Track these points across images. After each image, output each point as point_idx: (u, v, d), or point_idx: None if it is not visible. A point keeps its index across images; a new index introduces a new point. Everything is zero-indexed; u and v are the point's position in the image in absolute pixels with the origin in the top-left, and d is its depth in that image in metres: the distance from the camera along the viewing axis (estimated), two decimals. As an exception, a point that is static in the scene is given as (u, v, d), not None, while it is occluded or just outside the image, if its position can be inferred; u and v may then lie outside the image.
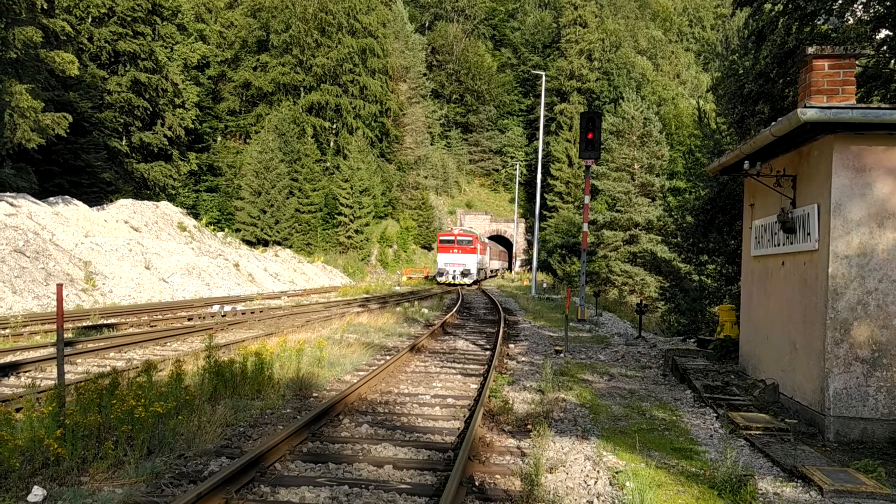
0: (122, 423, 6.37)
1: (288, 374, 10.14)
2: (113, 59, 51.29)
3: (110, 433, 6.50)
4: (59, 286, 7.00)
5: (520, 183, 76.72)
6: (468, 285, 48.58)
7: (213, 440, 7.02)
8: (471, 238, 50.54)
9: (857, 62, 9.24)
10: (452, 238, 50.24)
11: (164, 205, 43.78)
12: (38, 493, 5.37)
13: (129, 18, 50.64)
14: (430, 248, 68.42)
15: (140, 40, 51.34)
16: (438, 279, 49.78)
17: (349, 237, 62.15)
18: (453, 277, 48.77)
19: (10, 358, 11.80)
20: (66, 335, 14.20)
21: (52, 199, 34.35)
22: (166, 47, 55.41)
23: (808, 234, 8.58)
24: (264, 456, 6.22)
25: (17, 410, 7.36)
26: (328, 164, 64.60)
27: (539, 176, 43.33)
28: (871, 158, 7.96)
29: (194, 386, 8.51)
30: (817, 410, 8.24)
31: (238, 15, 68.84)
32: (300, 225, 60.13)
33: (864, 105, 8.16)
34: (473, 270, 49.58)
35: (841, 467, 6.77)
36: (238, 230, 56.99)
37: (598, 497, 5.81)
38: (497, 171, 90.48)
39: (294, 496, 5.67)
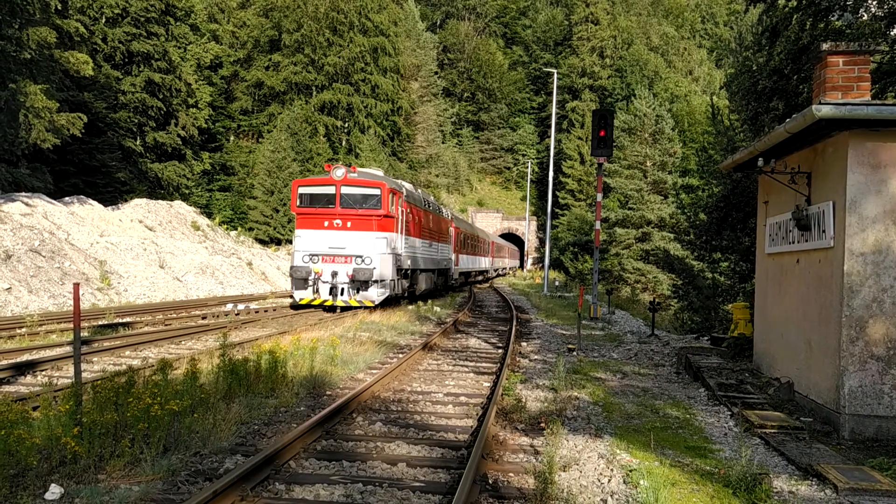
0: (139, 420, 6.42)
1: (301, 373, 10.18)
2: (127, 60, 51.59)
3: (127, 431, 6.55)
4: (76, 285, 7.06)
5: (531, 181, 76.59)
6: (371, 308, 20.94)
7: (229, 438, 7.07)
8: (376, 189, 21.33)
9: (871, 58, 9.17)
10: (331, 191, 21.38)
11: (178, 204, 43.99)
12: (55, 490, 5.42)
13: (142, 19, 50.93)
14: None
15: (154, 41, 51.62)
16: (295, 293, 21.24)
17: (361, 235, 62.17)
18: (330, 291, 20.71)
19: (26, 357, 11.91)
20: (82, 334, 14.31)
21: (67, 198, 34.59)
22: (179, 47, 55.66)
23: (823, 231, 8.54)
24: (279, 454, 6.26)
25: (35, 409, 7.43)
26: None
27: (551, 174, 43.20)
28: (887, 155, 7.91)
29: (209, 384, 8.56)
30: (832, 408, 8.20)
31: (250, 15, 69.04)
32: (312, 224, 60.21)
33: (879, 101, 8.11)
34: (386, 272, 21.09)
35: (856, 465, 6.74)
36: (251, 229, 57.17)
37: (612, 495, 5.81)
38: (508, 168, 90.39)
39: (309, 494, 5.70)
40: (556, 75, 47.29)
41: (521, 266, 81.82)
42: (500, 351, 14.33)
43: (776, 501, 5.85)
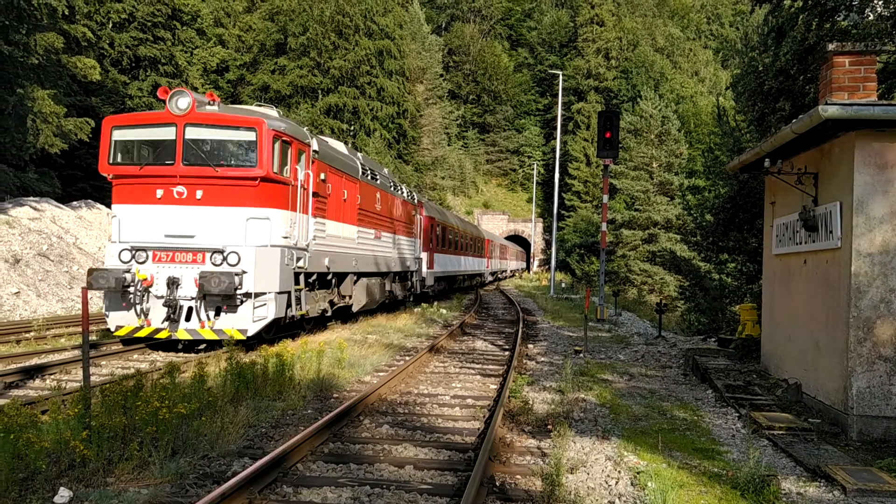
0: (147, 424, 6.45)
1: (308, 376, 10.20)
2: (134, 64, 51.81)
3: (135, 434, 6.57)
4: (84, 289, 7.10)
5: (537, 182, 76.62)
6: (244, 342, 12.32)
7: (236, 441, 7.09)
8: (250, 132, 12.41)
9: (877, 59, 9.17)
10: (168, 135, 12.39)
11: (185, 208, 44.03)
12: (64, 494, 5.45)
13: (149, 24, 51.16)
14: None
15: (160, 45, 51.86)
16: (109, 317, 12.52)
17: (367, 238, 62.19)
18: (168, 314, 11.93)
19: (35, 361, 11.96)
20: (90, 338, 14.35)
21: (75, 203, 34.70)
22: (186, 52, 55.88)
23: (831, 232, 8.52)
24: (286, 456, 6.27)
25: (43, 412, 7.46)
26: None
27: (557, 175, 43.18)
28: (894, 155, 7.89)
29: (217, 387, 8.59)
30: (840, 409, 8.17)
31: (256, 19, 69.29)
32: (319, 226, 60.34)
33: (885, 102, 8.09)
34: (269, 279, 12.34)
35: (864, 466, 6.72)
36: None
37: (619, 497, 5.80)
38: (514, 170, 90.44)
39: (316, 496, 5.71)
40: (561, 77, 47.23)
41: (528, 268, 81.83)
42: (506, 353, 14.33)
43: (784, 503, 5.84)
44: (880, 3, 12.99)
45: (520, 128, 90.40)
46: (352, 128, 66.37)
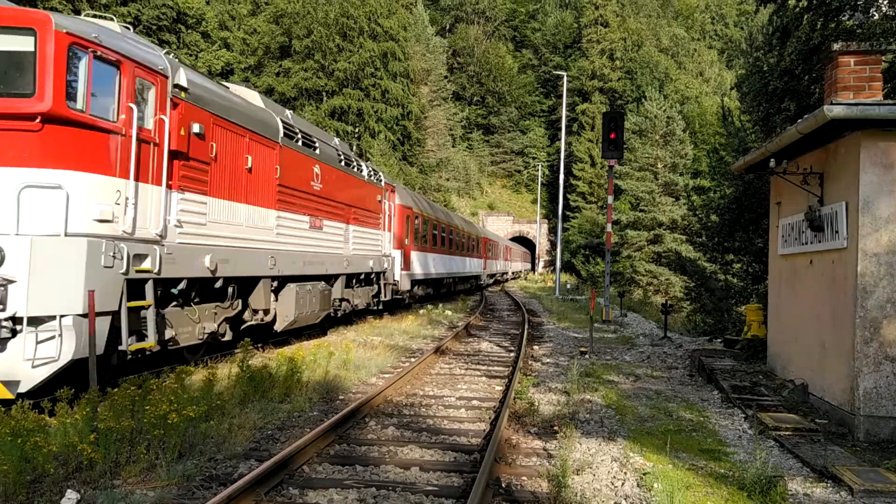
0: (155, 427, 6.47)
1: (315, 378, 10.21)
2: (138, 68, 52.02)
3: (142, 437, 6.60)
4: (91, 292, 7.11)
5: (542, 184, 76.57)
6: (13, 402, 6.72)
7: (243, 443, 7.10)
8: (25, 35, 7.07)
9: (883, 58, 9.15)
10: None
11: (190, 210, 44.08)
12: (71, 496, 5.46)
13: (154, 27, 51.39)
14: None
15: (165, 49, 52.05)
16: None
17: (372, 240, 62.18)
18: None
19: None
20: (96, 340, 14.30)
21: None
22: (191, 55, 56.10)
23: (837, 232, 8.50)
24: (293, 458, 6.29)
25: (51, 416, 7.48)
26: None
27: (561, 176, 43.15)
28: (900, 155, 7.87)
29: (225, 390, 8.61)
30: (847, 410, 8.15)
31: (261, 21, 69.44)
32: (324, 229, 60.38)
33: (891, 101, 8.07)
34: (65, 288, 7.23)
35: (871, 467, 6.71)
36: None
37: (625, 498, 5.80)
38: (519, 172, 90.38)
39: (322, 498, 5.72)
40: (565, 78, 47.20)
41: (533, 269, 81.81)
42: (511, 354, 14.32)
43: (791, 504, 5.84)
44: (885, 2, 12.95)
45: (524, 129, 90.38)
46: (356, 130, 66.50)
